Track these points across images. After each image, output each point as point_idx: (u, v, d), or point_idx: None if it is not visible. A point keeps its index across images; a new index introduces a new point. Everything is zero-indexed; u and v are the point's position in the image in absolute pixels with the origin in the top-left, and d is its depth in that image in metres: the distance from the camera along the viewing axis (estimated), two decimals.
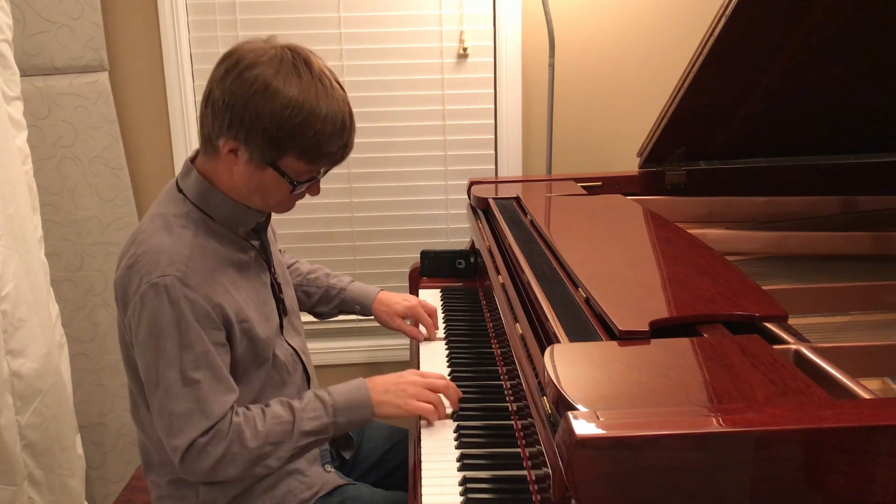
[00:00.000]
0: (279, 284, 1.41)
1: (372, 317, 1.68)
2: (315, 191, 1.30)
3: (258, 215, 1.31)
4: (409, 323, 1.67)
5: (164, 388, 1.19)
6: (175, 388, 1.19)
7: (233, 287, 1.26)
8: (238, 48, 1.21)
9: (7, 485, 1.75)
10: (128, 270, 1.21)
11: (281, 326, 1.39)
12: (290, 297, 1.46)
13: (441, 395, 1.32)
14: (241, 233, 1.30)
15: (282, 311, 1.40)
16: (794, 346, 0.92)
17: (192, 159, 1.30)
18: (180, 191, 1.29)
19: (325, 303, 1.65)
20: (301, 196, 1.30)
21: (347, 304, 1.66)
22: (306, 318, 1.63)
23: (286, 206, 1.31)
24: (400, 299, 1.67)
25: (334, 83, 1.22)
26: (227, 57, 1.20)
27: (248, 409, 1.25)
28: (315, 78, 1.19)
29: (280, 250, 1.56)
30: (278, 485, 1.34)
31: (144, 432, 1.34)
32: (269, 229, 1.43)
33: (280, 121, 1.16)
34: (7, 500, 1.76)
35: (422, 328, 1.66)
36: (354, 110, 1.26)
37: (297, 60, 1.19)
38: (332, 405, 1.27)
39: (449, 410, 1.32)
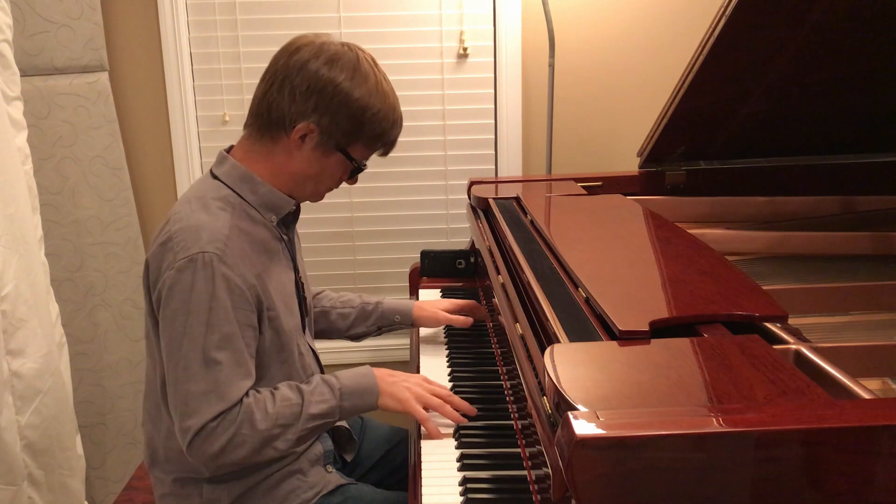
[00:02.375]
0: (303, 284, 1.42)
1: (413, 325, 1.65)
2: (355, 181, 1.40)
3: (290, 203, 1.34)
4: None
5: (184, 365, 1.19)
6: (194, 366, 1.19)
7: (265, 273, 1.28)
8: (309, 41, 1.28)
9: (7, 485, 1.75)
10: (162, 247, 1.22)
11: (303, 326, 1.40)
12: (310, 299, 1.46)
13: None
14: (273, 220, 1.33)
15: (304, 310, 1.41)
16: (794, 346, 0.92)
17: (227, 150, 1.34)
18: (215, 178, 1.31)
19: (363, 321, 1.63)
20: (342, 182, 1.38)
21: (386, 317, 1.63)
22: None
23: (323, 193, 1.38)
24: (439, 302, 1.66)
25: (390, 81, 1.35)
26: (300, 47, 1.27)
27: (257, 391, 1.25)
28: (381, 76, 1.32)
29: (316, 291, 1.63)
30: (280, 484, 1.34)
31: (154, 425, 1.34)
32: (295, 233, 1.45)
33: (362, 109, 1.27)
34: (7, 500, 1.76)
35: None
36: None
37: (367, 59, 1.30)
38: (340, 389, 1.28)
39: (448, 429, 1.31)
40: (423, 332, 1.69)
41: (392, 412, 1.32)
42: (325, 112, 1.25)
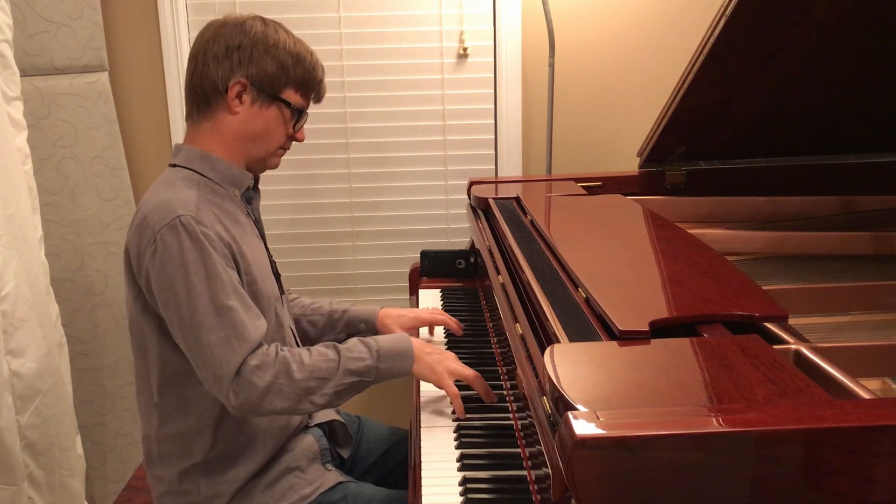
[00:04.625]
0: (274, 263, 1.44)
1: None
2: (302, 134, 1.43)
3: (249, 176, 1.39)
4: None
5: (199, 321, 1.21)
6: (209, 319, 1.21)
7: (240, 239, 1.31)
8: (214, 21, 1.38)
9: (7, 485, 1.75)
10: (138, 228, 1.26)
11: (281, 302, 1.41)
12: (282, 285, 1.48)
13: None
14: (236, 195, 1.36)
15: (280, 286, 1.43)
16: (794, 346, 0.92)
17: (180, 144, 1.38)
18: (174, 167, 1.36)
19: (331, 329, 1.64)
20: (291, 142, 1.42)
21: (352, 325, 1.64)
22: None
23: (279, 155, 1.42)
24: (404, 312, 1.65)
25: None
26: (209, 25, 1.37)
27: (291, 347, 1.29)
28: (289, 32, 1.40)
29: (287, 290, 1.64)
30: (279, 481, 1.36)
31: (148, 423, 1.35)
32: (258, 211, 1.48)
33: (284, 51, 1.34)
34: (7, 500, 1.76)
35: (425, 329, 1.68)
36: (354, 110, 1.42)
37: (272, 21, 1.39)
38: (377, 349, 1.31)
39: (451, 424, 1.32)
40: (423, 332, 1.69)
41: (424, 380, 1.35)
42: (249, 63, 1.32)
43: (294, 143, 1.43)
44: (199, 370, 1.24)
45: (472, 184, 2.01)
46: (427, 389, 1.43)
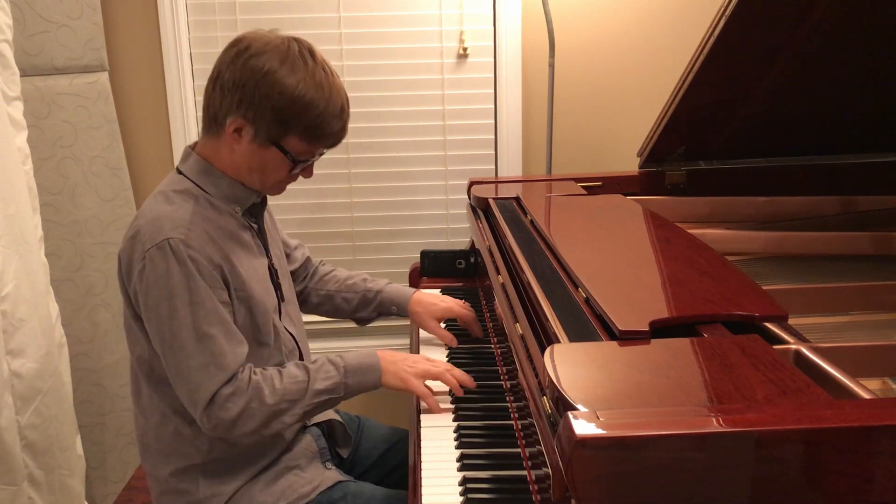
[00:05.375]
0: (276, 270, 1.43)
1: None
2: (309, 173, 1.38)
3: (254, 195, 1.37)
4: (443, 327, 1.65)
5: (179, 346, 1.23)
6: (190, 345, 1.23)
7: (233, 257, 1.31)
8: (246, 36, 1.29)
9: (7, 485, 1.75)
10: (131, 241, 1.26)
11: (279, 312, 1.41)
12: (287, 286, 1.48)
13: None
14: (238, 212, 1.35)
15: (279, 296, 1.42)
16: (794, 346, 0.92)
17: (192, 146, 1.37)
18: (180, 173, 1.35)
19: (364, 307, 1.65)
20: (295, 178, 1.38)
21: (385, 306, 1.65)
22: (307, 318, 1.63)
23: (281, 187, 1.38)
24: (437, 300, 1.64)
25: (334, 72, 1.32)
26: (235, 43, 1.29)
27: (265, 369, 1.30)
28: (318, 66, 1.28)
29: (321, 262, 1.68)
30: (278, 480, 1.36)
31: (144, 417, 1.36)
32: (269, 217, 1.49)
33: (289, 100, 1.25)
34: (7, 500, 1.76)
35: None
36: (354, 110, 1.35)
37: (301, 50, 1.28)
38: (344, 366, 1.33)
39: (449, 404, 1.34)
40: (423, 332, 1.69)
41: (395, 391, 1.37)
42: (250, 106, 1.25)
43: None
44: (177, 389, 1.27)
45: (472, 184, 2.01)
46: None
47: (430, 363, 1.38)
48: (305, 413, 1.31)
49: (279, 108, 1.25)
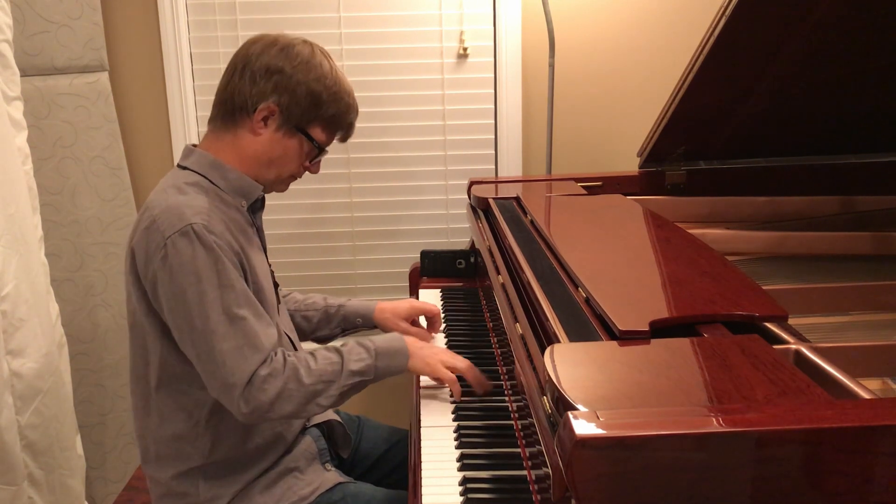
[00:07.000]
0: (273, 272, 1.44)
1: (375, 328, 1.66)
2: (318, 168, 1.43)
3: (259, 189, 1.38)
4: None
5: (211, 330, 1.21)
6: (222, 327, 1.21)
7: (245, 250, 1.31)
8: (265, 34, 1.35)
9: (7, 485, 1.75)
10: (146, 232, 1.25)
11: (278, 312, 1.42)
12: (279, 294, 1.48)
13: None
14: (244, 206, 1.36)
15: (277, 295, 1.43)
16: (794, 346, 0.92)
17: (193, 145, 1.38)
18: (185, 169, 1.35)
19: (326, 323, 1.65)
20: (302, 174, 1.42)
21: (349, 320, 1.65)
22: None
23: (288, 182, 1.42)
24: (399, 302, 1.67)
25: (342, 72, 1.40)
26: (258, 39, 1.34)
27: (297, 351, 1.31)
28: (336, 65, 1.38)
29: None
30: (278, 482, 1.36)
31: (143, 419, 1.35)
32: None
33: (324, 86, 1.33)
34: (7, 500, 1.76)
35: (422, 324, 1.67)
36: None
37: (322, 49, 1.37)
38: (374, 349, 1.34)
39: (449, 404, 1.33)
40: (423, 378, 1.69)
41: (420, 374, 1.40)
42: (285, 91, 1.31)
43: None
44: (209, 379, 1.24)
45: (472, 184, 2.01)
46: (427, 389, 1.43)
47: (454, 356, 1.40)
48: (341, 395, 1.30)
49: (315, 92, 1.32)
